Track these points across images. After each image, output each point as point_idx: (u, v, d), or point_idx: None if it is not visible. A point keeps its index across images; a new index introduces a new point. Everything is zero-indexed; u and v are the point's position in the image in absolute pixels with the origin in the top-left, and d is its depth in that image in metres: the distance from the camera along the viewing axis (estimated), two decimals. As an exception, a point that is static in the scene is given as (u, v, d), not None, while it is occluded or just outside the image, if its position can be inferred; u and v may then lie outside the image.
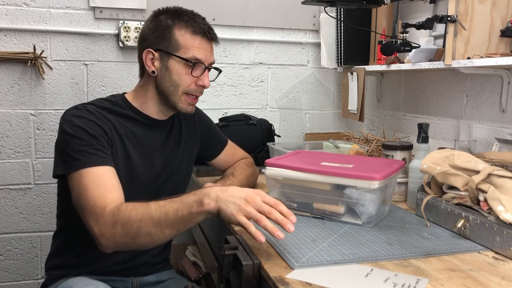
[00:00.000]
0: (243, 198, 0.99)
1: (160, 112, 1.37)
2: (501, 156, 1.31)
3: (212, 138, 1.58)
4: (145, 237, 1.06)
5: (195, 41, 1.29)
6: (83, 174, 1.14)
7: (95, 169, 1.15)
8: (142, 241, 1.07)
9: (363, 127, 2.38)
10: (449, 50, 1.46)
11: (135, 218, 1.05)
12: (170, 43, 1.29)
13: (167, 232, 1.05)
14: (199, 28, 1.29)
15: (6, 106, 2.04)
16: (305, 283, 0.88)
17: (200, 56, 1.29)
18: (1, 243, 2.10)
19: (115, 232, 1.06)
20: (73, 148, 1.18)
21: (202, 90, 1.35)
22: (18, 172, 2.09)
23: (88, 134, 1.20)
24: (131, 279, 1.38)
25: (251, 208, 0.98)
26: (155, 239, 1.07)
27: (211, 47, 1.34)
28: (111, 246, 1.09)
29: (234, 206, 0.99)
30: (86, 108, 1.26)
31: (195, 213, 1.02)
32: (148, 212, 1.05)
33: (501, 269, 0.96)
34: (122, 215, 1.06)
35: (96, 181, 1.13)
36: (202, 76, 1.31)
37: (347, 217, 1.24)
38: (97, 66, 2.13)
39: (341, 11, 2.10)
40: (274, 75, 2.39)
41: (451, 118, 1.81)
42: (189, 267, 1.96)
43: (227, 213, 0.99)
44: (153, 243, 1.09)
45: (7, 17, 2.00)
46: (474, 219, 1.09)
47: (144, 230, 1.05)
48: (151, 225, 1.04)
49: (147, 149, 1.34)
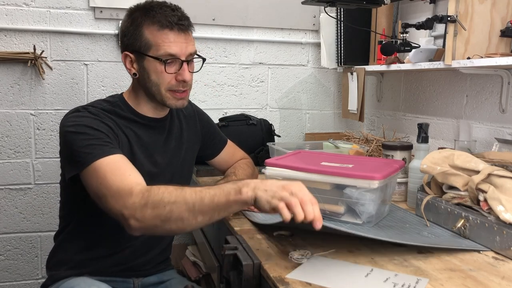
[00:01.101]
0: (280, 185, 0.96)
1: (155, 110, 1.35)
2: (501, 156, 1.31)
3: (212, 137, 1.58)
4: (176, 222, 1.02)
5: (164, 36, 1.24)
6: (97, 166, 1.11)
7: (108, 158, 1.12)
8: (173, 226, 1.03)
9: (363, 127, 2.38)
10: (449, 50, 1.46)
11: (168, 200, 1.01)
12: (141, 43, 1.25)
13: (200, 218, 1.01)
14: (165, 21, 1.23)
15: (6, 106, 2.04)
16: (305, 283, 0.88)
17: (173, 51, 1.24)
18: (1, 243, 2.10)
19: (145, 213, 1.02)
20: (80, 145, 1.15)
21: (186, 85, 1.29)
22: (18, 172, 2.09)
23: (93, 129, 1.18)
24: (133, 280, 1.38)
25: (286, 193, 0.94)
26: (186, 225, 1.03)
27: (186, 38, 1.27)
28: (140, 229, 1.05)
29: (270, 193, 0.95)
30: (87, 110, 1.24)
31: (232, 201, 0.99)
32: (183, 196, 1.01)
33: (501, 269, 0.96)
34: (153, 196, 1.02)
35: (114, 168, 1.11)
36: (180, 70, 1.26)
37: (347, 217, 1.24)
38: (97, 66, 2.13)
39: (341, 11, 2.10)
40: (274, 75, 2.39)
41: (451, 118, 1.81)
42: (189, 267, 1.96)
43: (262, 200, 0.95)
44: (183, 229, 1.05)
45: (7, 17, 2.00)
46: (474, 219, 1.09)
47: (176, 214, 1.01)
48: (185, 209, 1.00)
49: (149, 149, 1.34)
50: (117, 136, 1.24)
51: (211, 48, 2.26)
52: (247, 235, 1.13)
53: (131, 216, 1.03)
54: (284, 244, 1.09)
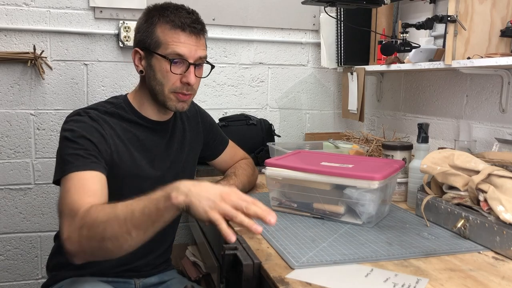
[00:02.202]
0: (218, 194, 0.90)
1: (158, 112, 1.34)
2: (501, 156, 1.31)
3: (214, 138, 1.57)
4: (111, 241, 0.96)
5: (174, 36, 1.24)
6: (69, 178, 1.10)
7: (83, 173, 1.11)
8: (109, 245, 0.97)
9: (363, 127, 2.38)
10: (449, 50, 1.46)
11: (101, 219, 0.97)
12: (152, 41, 1.25)
13: (134, 233, 0.94)
14: (179, 22, 1.23)
15: (6, 106, 2.04)
16: (305, 283, 0.88)
17: (182, 51, 1.24)
18: (1, 243, 2.10)
19: (82, 235, 0.98)
20: (67, 152, 1.15)
21: (190, 88, 1.28)
22: (18, 172, 2.09)
23: (86, 139, 1.17)
24: (134, 281, 1.38)
25: (226, 205, 0.89)
26: (122, 243, 0.96)
27: (197, 41, 1.27)
28: (77, 252, 1.01)
29: (207, 202, 0.89)
30: (88, 114, 1.24)
31: (163, 209, 0.92)
32: (114, 212, 0.96)
33: (501, 269, 0.96)
34: (89, 217, 0.98)
35: (79, 185, 1.08)
36: (186, 72, 1.25)
37: (347, 217, 1.24)
38: (97, 66, 2.13)
39: (341, 11, 2.10)
40: (274, 75, 2.39)
41: (451, 118, 1.81)
42: (189, 267, 1.96)
43: (198, 210, 0.89)
44: (121, 247, 0.98)
45: (7, 17, 2.00)
46: (474, 219, 1.09)
47: (109, 232, 0.95)
48: (117, 226, 0.95)
49: (151, 152, 1.33)
50: (113, 147, 1.23)
51: (211, 48, 2.26)
52: (247, 235, 1.13)
53: (67, 238, 1.00)
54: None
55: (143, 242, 0.99)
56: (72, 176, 1.10)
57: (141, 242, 0.99)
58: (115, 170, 1.23)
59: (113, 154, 1.23)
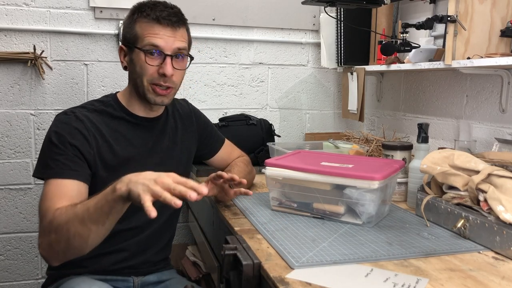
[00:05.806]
0: (152, 179, 0.97)
1: (145, 108, 1.37)
2: (501, 156, 1.31)
3: (209, 137, 1.58)
4: (76, 239, 1.05)
5: (150, 28, 1.27)
6: (48, 183, 1.18)
7: (61, 181, 1.17)
8: (75, 243, 1.06)
9: (363, 127, 2.38)
10: (449, 50, 1.46)
11: (65, 221, 1.05)
12: (132, 36, 1.30)
13: (94, 228, 1.03)
14: (154, 15, 1.27)
15: (6, 106, 2.04)
16: (305, 283, 0.88)
17: (157, 42, 1.26)
18: (1, 243, 2.10)
19: (51, 239, 1.07)
20: (50, 156, 1.21)
21: (167, 80, 1.29)
22: (18, 172, 2.09)
23: (68, 143, 1.22)
24: (133, 279, 1.38)
25: (157, 186, 0.95)
26: (85, 239, 1.05)
27: (173, 32, 1.28)
28: (51, 256, 1.10)
29: (142, 186, 0.96)
30: (75, 114, 1.28)
31: (111, 200, 1.01)
32: (74, 212, 1.05)
33: (501, 269, 0.96)
34: (55, 221, 1.07)
35: (56, 192, 1.15)
36: (162, 64, 1.27)
37: (347, 217, 1.24)
38: (97, 66, 2.13)
39: (341, 11, 2.10)
40: (274, 75, 2.39)
41: (451, 118, 1.81)
42: (189, 267, 1.96)
43: (135, 194, 0.96)
44: (85, 243, 1.07)
45: (7, 17, 2.00)
46: (474, 219, 1.09)
47: (72, 231, 1.04)
48: (78, 223, 1.03)
49: (139, 149, 1.35)
50: (95, 149, 1.27)
51: (211, 48, 2.26)
52: (247, 235, 1.13)
53: (40, 244, 1.11)
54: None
55: (105, 235, 1.08)
56: (50, 182, 1.18)
57: (103, 235, 1.08)
58: (100, 169, 1.27)
59: (95, 155, 1.27)
